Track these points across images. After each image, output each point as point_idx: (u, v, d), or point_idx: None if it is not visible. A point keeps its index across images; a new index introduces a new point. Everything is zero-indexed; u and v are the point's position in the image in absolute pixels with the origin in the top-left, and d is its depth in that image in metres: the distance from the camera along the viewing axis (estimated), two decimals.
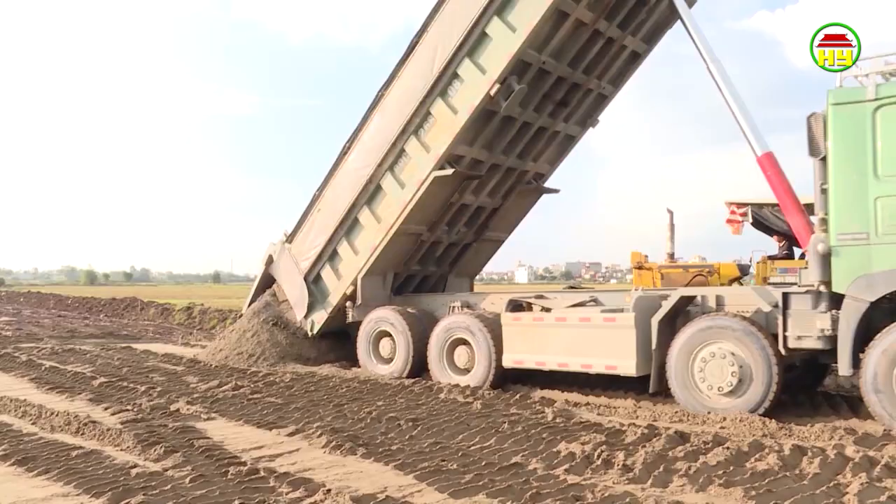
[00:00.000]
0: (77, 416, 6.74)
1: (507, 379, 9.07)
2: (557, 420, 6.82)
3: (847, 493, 4.42)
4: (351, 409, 7.40)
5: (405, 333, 9.83)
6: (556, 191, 11.80)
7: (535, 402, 7.82)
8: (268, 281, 11.94)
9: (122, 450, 5.71)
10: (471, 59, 9.05)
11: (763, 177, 8.00)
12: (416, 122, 9.59)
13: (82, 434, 6.25)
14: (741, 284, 13.73)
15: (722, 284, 13.89)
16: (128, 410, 7.17)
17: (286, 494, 4.52)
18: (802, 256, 12.50)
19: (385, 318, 10.13)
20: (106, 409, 7.33)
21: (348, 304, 10.54)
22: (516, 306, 9.12)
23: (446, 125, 9.33)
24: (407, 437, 6.17)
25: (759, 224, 12.58)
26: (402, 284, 11.26)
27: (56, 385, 8.82)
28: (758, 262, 13.20)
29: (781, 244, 12.53)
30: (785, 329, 6.91)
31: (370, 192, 10.19)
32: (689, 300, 7.74)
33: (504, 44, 8.72)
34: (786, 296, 6.95)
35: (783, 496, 4.36)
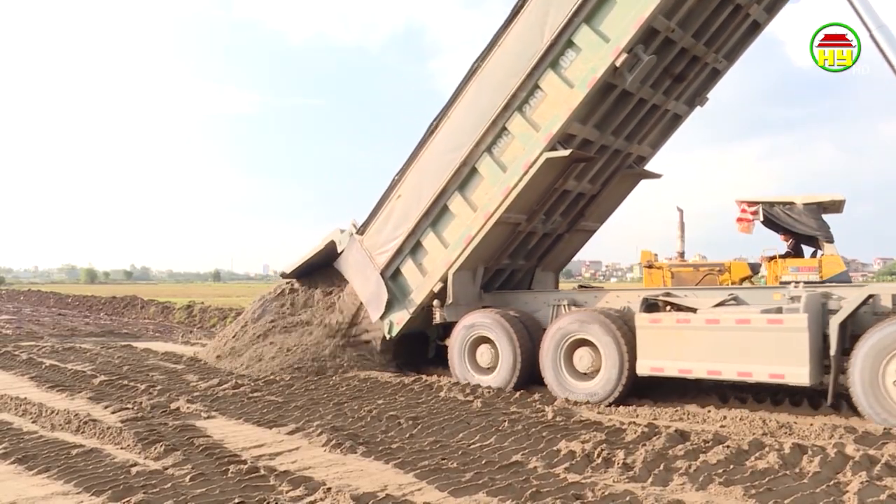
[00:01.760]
0: (77, 414, 6.74)
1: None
2: (557, 418, 6.83)
3: (847, 491, 4.43)
4: (351, 407, 7.41)
5: (510, 339, 8.66)
6: (658, 175, 10.71)
7: (535, 401, 7.82)
8: (316, 267, 11.06)
9: (122, 448, 5.71)
10: (589, 26, 8.08)
11: None
12: (522, 96, 8.54)
13: (82, 432, 6.25)
14: (752, 283, 13.65)
15: (733, 283, 13.84)
16: (128, 409, 7.17)
17: (286, 493, 4.52)
18: (814, 255, 12.39)
19: (483, 322, 8.97)
20: (106, 407, 7.33)
21: (435, 302, 9.42)
22: (651, 306, 8.08)
23: (560, 100, 8.28)
24: (407, 436, 6.17)
25: (770, 222, 12.50)
26: (487, 281, 10.12)
27: (56, 383, 8.81)
28: (767, 261, 13.02)
29: (788, 242, 12.46)
30: None
31: (463, 177, 9.12)
32: (868, 299, 6.94)
33: (633, 8, 7.79)
34: None
35: (783, 495, 4.36)
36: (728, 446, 5.50)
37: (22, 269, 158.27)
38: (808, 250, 12.33)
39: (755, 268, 14.91)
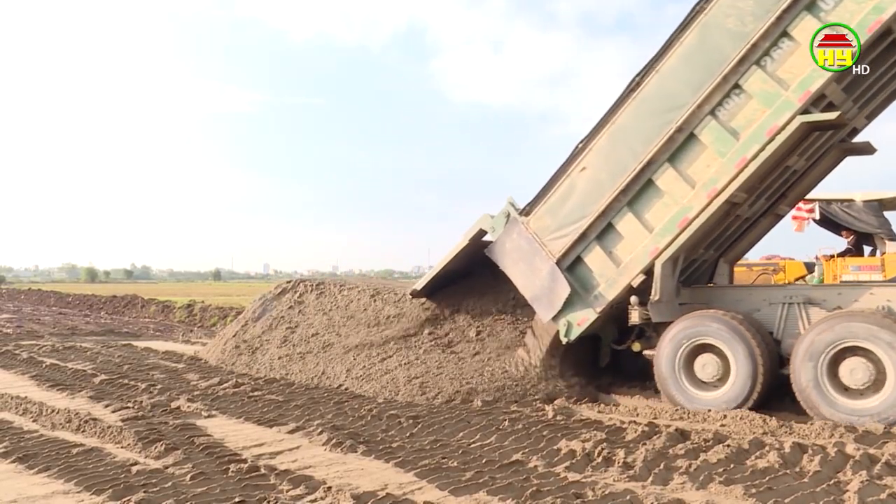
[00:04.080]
0: (78, 413, 6.75)
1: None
2: (558, 417, 6.83)
3: (847, 490, 4.42)
4: (351, 406, 7.41)
5: (748, 348, 7.11)
6: (872, 150, 8.89)
7: (535, 400, 7.82)
8: (462, 263, 9.48)
9: (122, 447, 5.72)
10: None
11: None
12: (764, 47, 6.94)
13: (83, 431, 6.26)
14: (805, 283, 13.48)
15: (788, 283, 13.72)
16: (128, 408, 7.18)
17: (287, 492, 4.53)
18: (873, 253, 12.17)
19: (707, 326, 7.39)
20: (106, 406, 7.33)
21: (632, 299, 7.78)
22: None
23: None
24: (407, 435, 6.18)
25: (827, 220, 12.25)
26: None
27: (57, 382, 8.82)
28: (826, 260, 12.77)
29: (849, 239, 12.25)
30: None
31: (678, 145, 7.44)
32: None
33: None
34: None
35: (783, 494, 4.36)
36: (728, 445, 5.51)
37: (22, 268, 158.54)
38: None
39: (810, 267, 14.73)
